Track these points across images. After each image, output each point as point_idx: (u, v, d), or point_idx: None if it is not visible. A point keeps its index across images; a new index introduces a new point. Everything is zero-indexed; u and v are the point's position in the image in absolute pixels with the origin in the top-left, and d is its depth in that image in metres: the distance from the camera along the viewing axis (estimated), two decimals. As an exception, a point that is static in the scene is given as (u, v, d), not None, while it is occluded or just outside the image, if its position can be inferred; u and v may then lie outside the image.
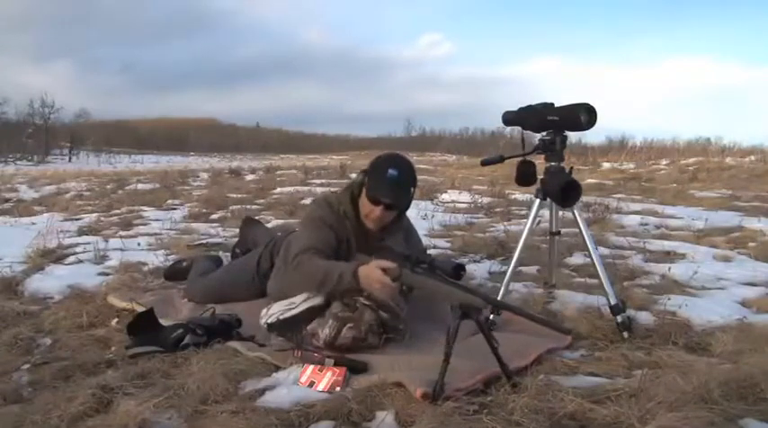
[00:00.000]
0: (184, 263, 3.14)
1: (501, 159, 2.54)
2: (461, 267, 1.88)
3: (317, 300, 2.15)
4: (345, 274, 2.07)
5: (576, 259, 3.49)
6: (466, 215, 5.46)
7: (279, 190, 7.86)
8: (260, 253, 2.75)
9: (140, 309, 2.48)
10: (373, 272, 2.01)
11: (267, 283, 2.61)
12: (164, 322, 2.32)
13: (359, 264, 2.06)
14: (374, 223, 2.33)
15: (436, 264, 1.92)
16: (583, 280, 3.01)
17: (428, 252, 3.01)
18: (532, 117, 2.42)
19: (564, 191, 2.35)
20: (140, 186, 9.09)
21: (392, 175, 2.25)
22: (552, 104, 2.39)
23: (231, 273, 2.88)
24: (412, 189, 2.34)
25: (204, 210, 6.06)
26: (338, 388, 1.74)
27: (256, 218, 4.21)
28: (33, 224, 5.13)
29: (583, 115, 2.29)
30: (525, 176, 2.45)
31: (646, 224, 4.94)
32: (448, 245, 4.08)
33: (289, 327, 2.14)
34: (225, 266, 3.09)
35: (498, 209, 5.96)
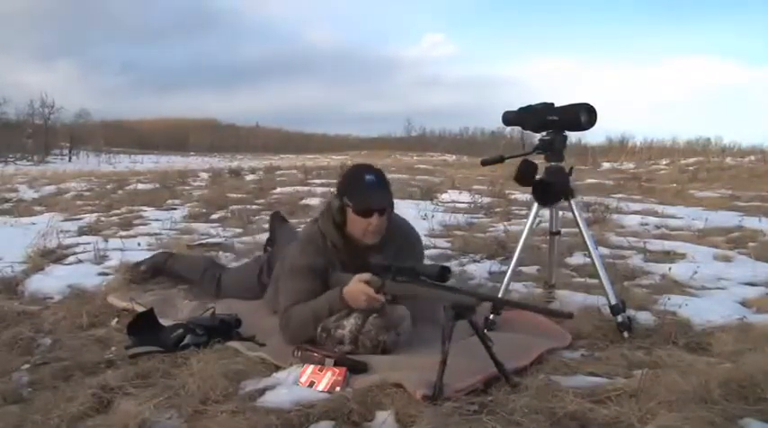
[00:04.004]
0: (142, 267, 3.11)
1: (501, 159, 2.54)
2: (446, 269, 1.88)
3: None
4: (334, 304, 2.10)
5: (576, 259, 3.49)
6: (466, 215, 5.46)
7: (279, 190, 7.85)
8: (261, 264, 2.82)
9: (140, 309, 2.48)
10: (355, 288, 2.04)
11: (265, 295, 2.67)
12: (164, 322, 2.32)
13: (341, 288, 2.09)
14: (374, 235, 2.23)
15: (419, 270, 1.92)
16: (583, 280, 3.01)
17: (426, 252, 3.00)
18: (532, 117, 2.43)
19: (536, 190, 2.38)
20: (140, 186, 9.07)
21: (371, 180, 2.22)
22: (552, 104, 2.40)
23: (242, 273, 2.95)
24: (390, 191, 2.29)
25: (204, 210, 6.05)
26: (338, 388, 1.74)
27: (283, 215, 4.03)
28: (33, 224, 5.12)
29: (583, 115, 2.29)
30: (526, 176, 2.44)
31: (646, 224, 4.93)
32: (448, 245, 4.07)
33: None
34: (243, 264, 3.17)
35: (498, 209, 5.95)
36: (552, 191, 2.41)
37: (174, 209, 6.38)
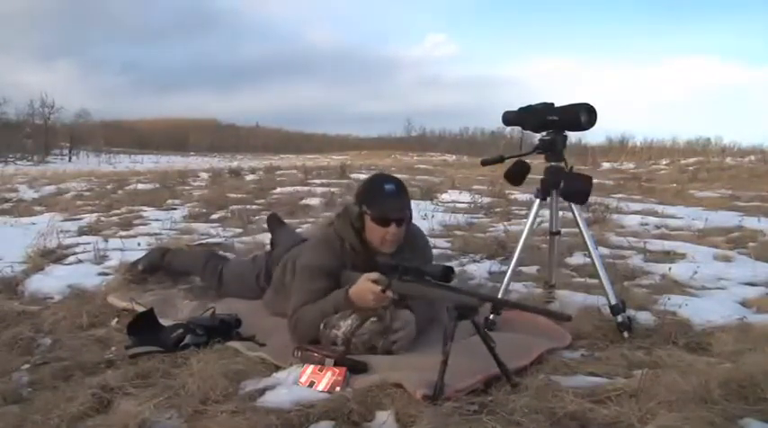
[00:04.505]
0: (139, 266, 3.11)
1: (501, 159, 2.54)
2: (450, 270, 1.88)
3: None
4: (339, 304, 2.09)
5: (576, 259, 3.49)
6: (466, 215, 5.46)
7: (279, 190, 7.85)
8: (260, 266, 2.80)
9: (140, 309, 2.48)
10: (363, 286, 2.04)
11: (264, 297, 2.66)
12: (164, 322, 2.32)
13: (347, 289, 2.09)
14: (391, 244, 2.23)
15: (424, 270, 1.92)
16: (583, 280, 3.01)
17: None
18: (532, 117, 2.43)
19: (581, 192, 2.37)
20: (140, 186, 9.08)
21: (391, 190, 2.22)
22: (552, 104, 2.39)
23: (243, 268, 2.93)
24: (409, 201, 2.29)
25: (204, 210, 6.05)
26: (338, 388, 1.74)
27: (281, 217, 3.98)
28: (33, 224, 5.12)
29: (583, 115, 2.29)
30: (516, 175, 2.45)
31: (646, 224, 4.94)
32: (448, 245, 4.07)
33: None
34: (243, 260, 3.14)
35: (498, 209, 5.96)
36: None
37: (174, 209, 6.38)
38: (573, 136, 2.75)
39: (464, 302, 1.78)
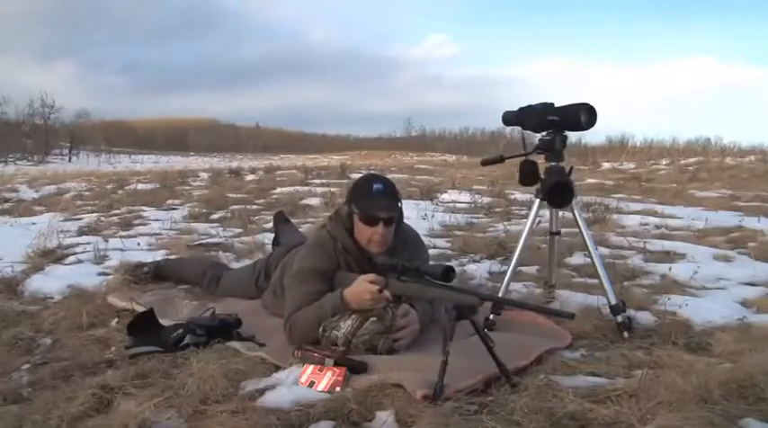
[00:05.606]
0: (145, 269, 3.12)
1: (501, 159, 2.54)
2: (450, 269, 1.87)
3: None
4: (336, 307, 2.09)
5: (576, 259, 3.49)
6: (466, 215, 5.46)
7: (279, 190, 7.86)
8: (259, 269, 2.79)
9: (140, 309, 2.48)
10: (360, 287, 2.04)
11: (262, 298, 2.65)
12: (164, 322, 2.32)
13: (342, 291, 2.09)
14: (379, 245, 2.22)
15: (424, 270, 1.92)
16: (583, 280, 3.01)
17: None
18: (532, 117, 2.42)
19: (552, 192, 2.35)
20: (140, 186, 9.09)
21: (378, 189, 2.22)
22: (552, 104, 2.39)
23: (241, 274, 2.93)
24: (399, 202, 2.28)
25: (204, 210, 6.06)
26: (338, 388, 1.74)
27: (288, 216, 3.82)
28: (33, 224, 5.13)
29: (583, 115, 2.29)
30: (528, 176, 2.44)
31: (646, 224, 4.94)
32: (448, 245, 4.08)
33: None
34: (242, 267, 3.12)
35: (498, 209, 5.96)
36: (570, 193, 2.39)
37: (174, 209, 6.39)
38: (573, 136, 2.75)
39: (464, 301, 1.77)
